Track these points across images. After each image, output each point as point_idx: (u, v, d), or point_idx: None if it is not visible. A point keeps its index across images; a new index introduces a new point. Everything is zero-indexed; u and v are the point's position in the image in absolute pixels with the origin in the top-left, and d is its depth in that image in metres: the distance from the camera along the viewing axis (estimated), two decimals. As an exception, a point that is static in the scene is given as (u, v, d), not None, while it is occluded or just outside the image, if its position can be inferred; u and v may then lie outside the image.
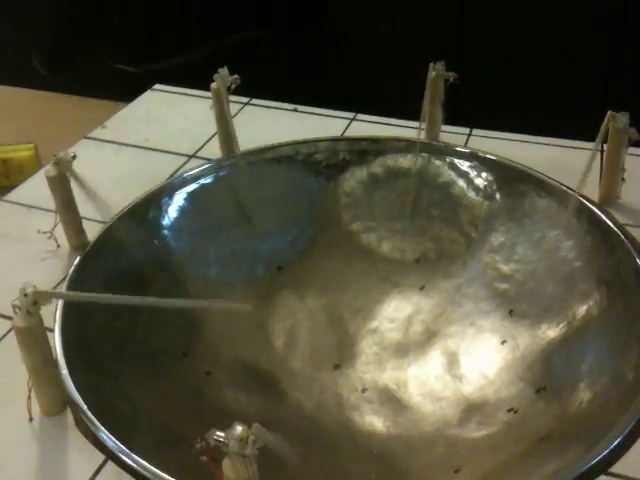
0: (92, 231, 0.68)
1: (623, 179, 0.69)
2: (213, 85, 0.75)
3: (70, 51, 1.76)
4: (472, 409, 0.61)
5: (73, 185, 0.65)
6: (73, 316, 0.58)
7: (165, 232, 0.71)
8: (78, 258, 0.64)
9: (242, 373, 0.66)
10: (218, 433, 0.38)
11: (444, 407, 0.62)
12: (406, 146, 0.77)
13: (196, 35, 1.63)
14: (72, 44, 1.76)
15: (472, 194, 0.74)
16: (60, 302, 0.59)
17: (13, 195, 0.76)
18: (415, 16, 1.47)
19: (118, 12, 1.64)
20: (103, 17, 1.67)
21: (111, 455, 0.48)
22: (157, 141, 0.84)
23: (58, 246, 0.67)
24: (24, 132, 1.71)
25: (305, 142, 0.80)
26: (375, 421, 0.63)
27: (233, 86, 0.74)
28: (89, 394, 0.52)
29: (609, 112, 0.65)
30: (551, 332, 0.63)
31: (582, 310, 0.62)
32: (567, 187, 0.69)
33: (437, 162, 0.77)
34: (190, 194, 0.74)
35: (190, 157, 0.81)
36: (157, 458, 0.47)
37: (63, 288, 0.61)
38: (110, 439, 0.48)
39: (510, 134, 0.82)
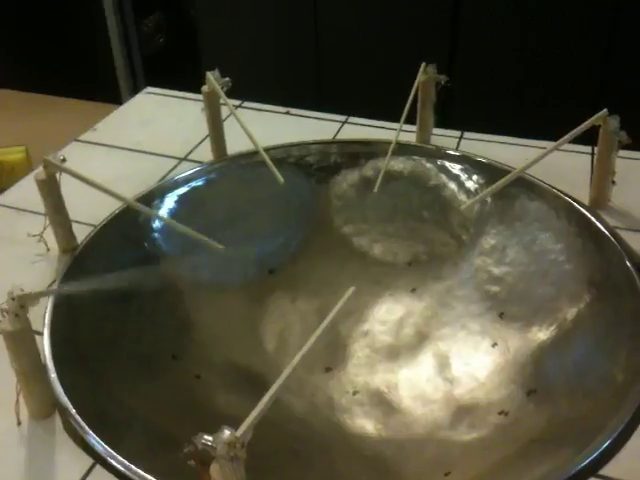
0: (82, 234, 0.67)
1: (614, 182, 0.69)
2: (204, 88, 0.75)
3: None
4: (463, 412, 0.61)
5: (63, 188, 0.65)
6: (62, 319, 0.58)
7: (156, 235, 0.71)
8: (68, 261, 0.64)
9: (233, 375, 0.66)
10: (206, 437, 0.38)
11: (435, 410, 0.62)
12: (397, 149, 0.77)
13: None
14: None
15: (463, 197, 0.74)
16: (49, 305, 0.58)
17: (3, 198, 0.76)
18: (408, 18, 1.48)
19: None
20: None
21: (100, 459, 0.48)
22: (148, 144, 0.84)
23: (48, 249, 0.67)
24: (15, 135, 1.70)
25: (297, 145, 0.80)
26: (366, 424, 0.63)
27: (225, 89, 0.74)
28: (78, 397, 0.51)
29: (602, 112, 0.65)
30: (542, 334, 0.63)
31: (572, 312, 0.62)
32: (558, 190, 0.69)
33: (428, 165, 0.77)
34: (181, 197, 0.74)
35: (181, 160, 0.80)
36: (146, 462, 0.47)
37: (53, 291, 0.61)
38: (99, 443, 0.48)
39: (501, 137, 0.82)
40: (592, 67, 1.38)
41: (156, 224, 0.71)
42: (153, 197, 0.72)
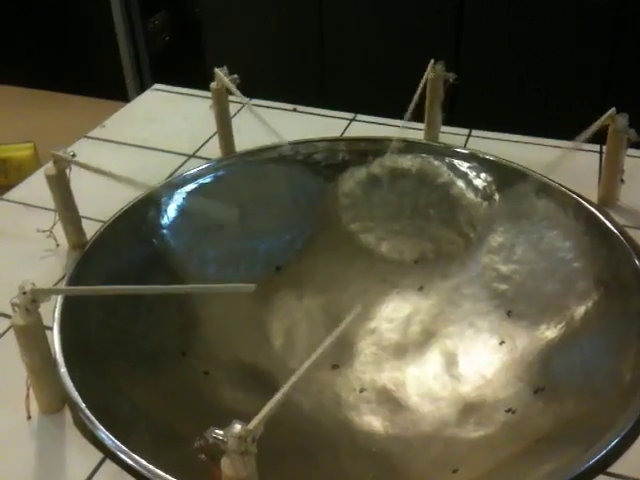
0: (91, 230, 0.68)
1: (622, 180, 0.69)
2: (212, 85, 0.75)
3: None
4: (470, 409, 0.61)
5: (73, 184, 0.65)
6: (72, 314, 0.58)
7: (164, 231, 0.71)
8: (78, 257, 0.64)
9: (240, 372, 0.66)
10: (217, 431, 0.38)
11: (442, 407, 0.62)
12: (405, 147, 0.77)
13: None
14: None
15: (471, 195, 0.74)
16: (59, 300, 0.58)
17: (12, 194, 0.76)
18: (415, 16, 1.48)
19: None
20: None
21: (109, 453, 0.48)
22: (156, 141, 0.84)
23: (57, 245, 0.67)
24: (23, 131, 1.71)
25: (304, 142, 0.80)
26: (373, 421, 0.63)
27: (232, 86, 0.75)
28: (87, 393, 0.52)
29: (611, 110, 0.65)
30: (549, 333, 0.63)
31: (580, 311, 0.62)
32: (566, 188, 0.69)
33: (436, 163, 0.77)
34: (189, 194, 0.74)
35: (189, 157, 0.81)
36: (155, 456, 0.47)
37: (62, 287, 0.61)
38: (108, 437, 0.48)
39: (509, 135, 0.82)
40: (598, 65, 1.38)
41: (165, 220, 0.71)
42: (161, 194, 0.73)
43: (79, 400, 0.51)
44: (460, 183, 0.75)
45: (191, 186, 0.75)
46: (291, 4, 1.59)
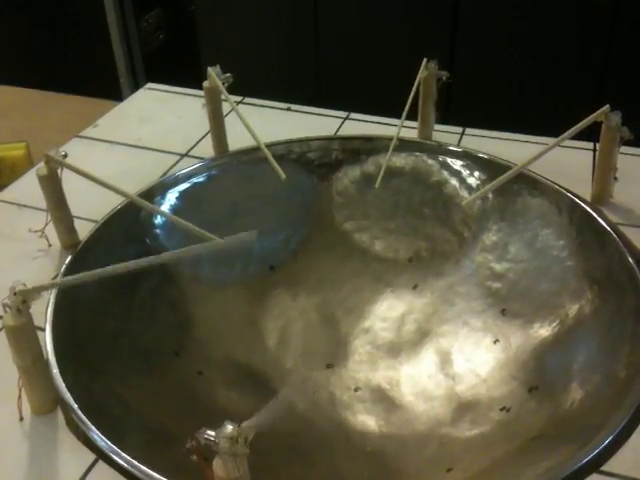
0: (84, 230, 0.67)
1: (616, 178, 0.69)
2: (206, 83, 0.75)
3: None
4: (465, 408, 0.61)
5: (65, 184, 0.65)
6: (64, 315, 0.58)
7: (157, 231, 0.71)
8: (70, 257, 0.64)
9: (234, 372, 0.66)
10: (208, 432, 0.38)
11: (437, 406, 0.62)
12: (399, 145, 0.77)
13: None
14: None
15: (465, 193, 0.74)
16: (51, 301, 0.58)
17: (4, 194, 0.76)
18: (408, 15, 1.47)
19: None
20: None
21: (102, 454, 0.48)
22: (149, 140, 0.84)
23: (49, 245, 0.67)
24: (16, 131, 1.70)
25: (298, 141, 0.79)
26: (368, 420, 0.63)
27: (225, 84, 0.74)
28: (80, 393, 0.51)
29: (604, 107, 0.65)
30: (543, 331, 0.63)
31: (574, 309, 0.62)
32: (560, 186, 0.69)
33: (430, 161, 0.77)
34: (183, 193, 0.74)
35: (182, 156, 0.80)
36: (148, 457, 0.47)
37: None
38: (101, 438, 0.48)
39: (503, 133, 0.82)
40: (593, 63, 1.38)
41: (157, 220, 0.71)
42: (154, 193, 0.72)
43: (71, 401, 0.51)
44: (454, 181, 0.75)
45: (184, 185, 0.74)
46: (286, 3, 1.58)
